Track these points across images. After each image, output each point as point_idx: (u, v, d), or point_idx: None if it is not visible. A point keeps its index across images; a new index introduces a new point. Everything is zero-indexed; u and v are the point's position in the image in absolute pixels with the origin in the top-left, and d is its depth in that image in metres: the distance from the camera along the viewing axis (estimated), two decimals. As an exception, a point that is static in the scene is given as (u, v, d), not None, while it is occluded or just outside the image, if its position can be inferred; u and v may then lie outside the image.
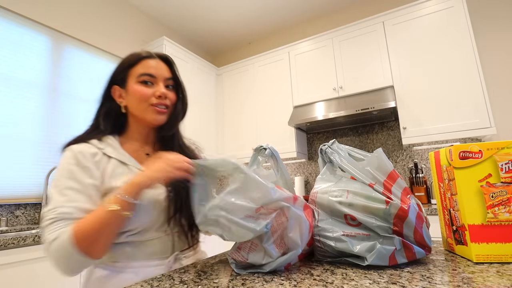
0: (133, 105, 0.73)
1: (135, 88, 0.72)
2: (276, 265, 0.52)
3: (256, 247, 0.54)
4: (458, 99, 2.06)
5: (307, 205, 0.59)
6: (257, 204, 0.52)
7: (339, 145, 0.70)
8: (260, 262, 0.53)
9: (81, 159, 0.65)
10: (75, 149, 0.67)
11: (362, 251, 0.53)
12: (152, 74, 0.73)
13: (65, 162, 0.66)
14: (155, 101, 0.72)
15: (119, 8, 2.68)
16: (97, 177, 0.66)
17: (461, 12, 2.12)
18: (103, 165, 0.68)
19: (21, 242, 1.25)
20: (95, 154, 0.68)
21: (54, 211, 0.59)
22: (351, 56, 2.53)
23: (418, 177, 2.23)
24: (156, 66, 0.74)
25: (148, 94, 0.72)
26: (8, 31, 1.87)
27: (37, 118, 1.95)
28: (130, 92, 0.73)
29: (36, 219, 1.85)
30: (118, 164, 0.70)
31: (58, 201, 0.60)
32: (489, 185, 0.53)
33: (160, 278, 0.53)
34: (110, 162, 0.69)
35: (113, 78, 0.76)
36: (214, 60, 3.88)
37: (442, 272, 0.49)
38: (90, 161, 0.66)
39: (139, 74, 0.72)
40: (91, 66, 2.37)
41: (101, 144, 0.71)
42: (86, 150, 0.67)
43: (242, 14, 3.03)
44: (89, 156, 0.67)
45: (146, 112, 0.73)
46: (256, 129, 2.94)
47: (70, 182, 0.62)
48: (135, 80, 0.73)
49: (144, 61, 0.74)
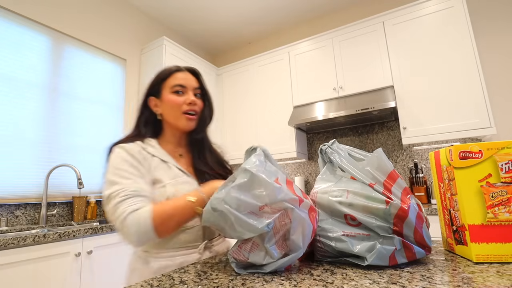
0: (167, 112, 0.85)
1: (169, 98, 0.84)
2: (277, 266, 0.52)
3: (257, 247, 0.53)
4: (458, 99, 2.06)
5: (312, 207, 0.57)
6: (261, 202, 0.52)
7: (339, 145, 0.70)
8: (261, 262, 0.53)
9: (134, 154, 0.75)
10: (126, 147, 0.76)
11: (362, 251, 0.53)
12: (182, 85, 0.84)
13: (120, 155, 0.74)
14: (186, 108, 0.83)
15: (119, 8, 2.68)
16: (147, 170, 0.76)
17: (461, 12, 2.12)
18: (149, 161, 0.78)
19: (21, 242, 1.25)
20: (141, 152, 0.78)
21: (124, 190, 0.67)
22: (351, 56, 2.53)
23: (418, 177, 2.23)
24: (186, 77, 0.86)
25: (180, 102, 0.83)
26: (8, 31, 1.87)
27: (37, 118, 1.95)
28: (165, 101, 0.84)
29: (36, 219, 1.85)
30: (159, 162, 0.80)
31: (124, 183, 0.68)
32: (489, 185, 0.53)
33: (160, 278, 0.53)
34: (153, 160, 0.79)
35: (149, 90, 0.88)
36: (214, 60, 3.88)
37: (442, 272, 0.49)
38: (139, 157, 0.76)
39: (171, 85, 0.84)
40: (91, 66, 2.37)
41: (144, 145, 0.81)
42: (134, 148, 0.77)
43: (242, 14, 3.03)
44: (137, 153, 0.76)
45: (179, 119, 0.84)
46: (256, 129, 2.94)
47: (131, 169, 0.71)
48: (168, 91, 0.84)
49: (175, 74, 0.86)
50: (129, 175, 0.70)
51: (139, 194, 0.67)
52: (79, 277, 1.45)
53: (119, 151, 0.74)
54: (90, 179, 2.18)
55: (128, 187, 0.67)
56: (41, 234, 1.33)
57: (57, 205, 1.97)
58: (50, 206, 1.93)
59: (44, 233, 1.35)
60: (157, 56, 2.66)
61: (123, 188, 0.67)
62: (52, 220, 1.93)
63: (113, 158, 0.74)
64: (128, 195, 0.66)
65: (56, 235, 1.38)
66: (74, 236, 1.46)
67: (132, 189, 0.67)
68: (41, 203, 1.86)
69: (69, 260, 1.43)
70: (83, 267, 1.48)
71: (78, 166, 2.08)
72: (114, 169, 0.71)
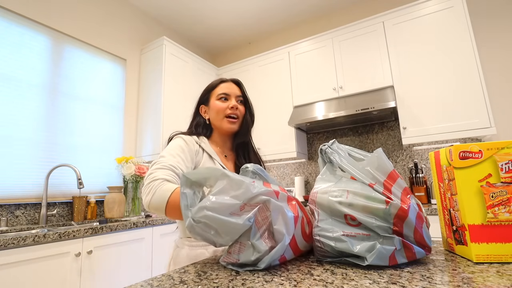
0: (213, 117, 0.99)
1: (215, 104, 0.99)
2: (269, 260, 0.53)
3: (245, 246, 0.55)
4: (458, 99, 2.06)
5: (291, 197, 0.60)
6: (240, 200, 0.53)
7: (339, 145, 0.70)
8: (250, 258, 0.54)
9: (189, 144, 0.90)
10: (185, 138, 0.91)
11: (362, 251, 0.53)
12: (227, 93, 0.99)
13: (177, 141, 0.89)
14: (229, 111, 0.97)
15: (119, 8, 2.68)
16: (194, 161, 0.89)
17: (461, 12, 2.12)
18: (200, 155, 0.91)
19: (21, 242, 1.25)
20: (195, 145, 0.92)
21: (166, 163, 0.79)
22: (351, 56, 2.53)
23: (418, 177, 2.23)
24: (230, 87, 1.01)
25: (223, 107, 0.97)
26: (8, 31, 1.88)
27: (37, 118, 1.95)
28: (212, 107, 0.99)
29: (36, 219, 1.85)
30: (207, 158, 0.92)
31: (169, 159, 0.81)
32: (489, 185, 0.53)
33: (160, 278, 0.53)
34: (203, 155, 0.92)
35: (200, 99, 1.04)
36: (214, 60, 3.88)
37: (442, 272, 0.49)
38: (193, 149, 0.90)
39: (217, 94, 0.99)
40: (91, 66, 2.37)
41: (198, 140, 0.95)
42: (191, 141, 0.91)
43: (242, 14, 3.03)
44: (192, 144, 0.90)
45: (222, 122, 0.97)
46: (256, 129, 2.93)
47: (181, 153, 0.85)
48: (215, 99, 0.99)
49: (220, 85, 1.01)
50: (176, 155, 0.83)
51: (173, 170, 0.78)
52: (79, 277, 1.45)
53: (178, 140, 0.89)
54: (90, 179, 2.19)
55: (171, 161, 0.80)
56: (41, 234, 1.33)
57: (57, 205, 1.97)
58: (50, 206, 1.93)
59: (44, 233, 1.35)
60: (157, 56, 2.66)
61: (167, 160, 0.80)
62: (52, 220, 1.93)
63: (171, 143, 0.88)
64: (167, 167, 0.78)
65: (56, 235, 1.38)
66: (74, 236, 1.46)
67: (172, 164, 0.79)
68: (41, 203, 1.86)
69: (69, 260, 1.43)
70: (83, 267, 1.48)
71: (78, 166, 2.08)
72: (168, 150, 0.85)
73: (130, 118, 2.64)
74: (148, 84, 2.69)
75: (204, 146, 0.93)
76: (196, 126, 1.02)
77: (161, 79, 2.57)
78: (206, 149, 0.93)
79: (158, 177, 0.74)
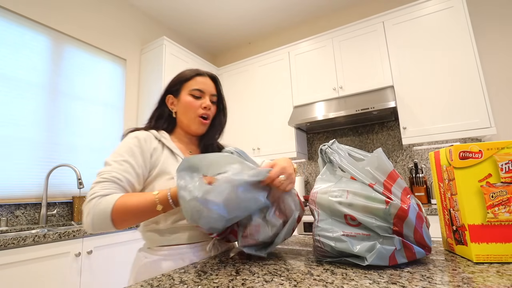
0: (182, 112, 0.88)
1: (186, 99, 0.87)
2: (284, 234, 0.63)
3: (259, 226, 0.62)
4: (458, 99, 2.06)
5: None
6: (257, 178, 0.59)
7: (339, 145, 0.70)
8: (268, 234, 0.62)
9: (143, 144, 0.78)
10: (139, 135, 0.79)
11: (362, 251, 0.53)
12: (201, 89, 0.88)
13: (129, 141, 0.77)
14: (201, 111, 0.87)
15: (119, 8, 2.68)
16: (150, 162, 0.78)
17: (461, 12, 2.12)
18: (158, 153, 0.80)
19: (21, 242, 1.25)
20: (153, 142, 0.81)
21: (109, 173, 0.69)
22: (351, 56, 2.53)
23: (418, 177, 2.23)
24: (206, 82, 0.90)
25: (196, 105, 0.87)
26: (8, 31, 1.87)
27: (37, 118, 1.95)
28: (182, 101, 0.88)
29: (36, 219, 1.85)
30: (169, 154, 0.81)
31: (115, 167, 0.71)
32: (489, 185, 0.53)
33: (160, 278, 0.53)
34: (163, 152, 0.81)
35: (169, 88, 0.91)
36: (214, 60, 3.88)
37: (442, 272, 0.49)
38: (149, 148, 0.79)
39: (191, 88, 0.87)
40: (91, 66, 2.37)
41: (158, 134, 0.84)
42: (148, 137, 0.80)
43: (242, 14, 3.03)
44: (149, 143, 0.79)
45: (193, 121, 0.87)
46: (256, 129, 2.94)
47: (129, 158, 0.74)
48: (187, 92, 0.88)
49: (196, 78, 0.89)
50: (124, 162, 0.72)
51: (116, 181, 0.69)
52: (79, 277, 1.45)
53: (132, 137, 0.78)
54: (90, 179, 2.18)
55: (115, 171, 0.70)
56: (41, 234, 1.33)
57: (57, 205, 1.97)
58: (50, 206, 1.93)
59: (44, 233, 1.35)
60: (157, 56, 2.66)
61: (111, 171, 0.70)
62: (52, 220, 1.93)
63: (122, 143, 0.77)
64: (106, 179, 0.68)
65: (56, 235, 1.38)
66: (74, 236, 1.46)
67: (115, 175, 0.69)
68: (41, 203, 1.86)
69: (69, 260, 1.43)
70: (83, 267, 1.48)
71: (78, 166, 2.08)
72: (116, 152, 0.74)
73: (130, 118, 2.64)
74: (148, 84, 2.69)
75: (165, 142, 0.83)
76: (159, 117, 0.91)
77: (161, 79, 2.57)
78: (168, 144, 0.82)
79: (96, 195, 0.65)
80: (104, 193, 0.66)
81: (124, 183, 0.70)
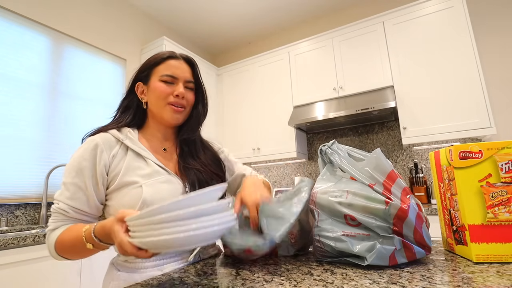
0: (152, 102, 0.76)
1: (156, 86, 0.75)
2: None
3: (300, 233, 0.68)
4: (458, 99, 2.06)
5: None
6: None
7: (339, 145, 0.70)
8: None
9: (97, 154, 0.67)
10: (92, 143, 0.68)
11: (362, 251, 0.53)
12: (173, 75, 0.76)
13: (79, 155, 0.67)
14: (172, 99, 0.75)
15: (119, 8, 2.68)
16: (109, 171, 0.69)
17: (461, 12, 2.12)
18: (119, 158, 0.70)
19: (21, 242, 1.25)
20: (113, 147, 0.70)
21: (57, 204, 0.65)
22: (351, 56, 2.53)
23: (418, 177, 2.23)
24: (179, 66, 0.77)
25: (167, 92, 0.75)
26: (8, 31, 1.87)
27: (37, 118, 1.95)
28: (151, 89, 0.76)
29: (36, 219, 1.85)
30: (134, 157, 0.71)
31: (62, 195, 0.66)
32: (489, 185, 0.53)
33: (160, 278, 0.53)
34: (127, 155, 0.71)
35: (138, 75, 0.79)
36: (214, 60, 3.88)
37: (442, 272, 0.49)
38: (105, 157, 0.68)
39: (161, 73, 0.75)
40: (91, 66, 2.37)
41: (120, 135, 0.73)
42: (105, 143, 0.69)
43: (242, 14, 3.03)
44: (106, 150, 0.69)
45: (164, 110, 0.75)
46: (256, 129, 2.94)
47: (76, 178, 0.66)
48: (157, 78, 0.75)
49: (168, 61, 0.76)
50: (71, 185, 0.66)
51: (62, 213, 0.65)
52: (79, 277, 1.45)
53: (85, 148, 0.68)
54: (90, 179, 2.18)
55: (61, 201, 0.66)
56: (41, 234, 1.33)
57: (57, 205, 1.97)
58: (50, 206, 1.93)
59: (44, 233, 1.35)
60: (157, 56, 2.65)
61: (58, 201, 0.66)
62: (52, 220, 1.93)
63: (75, 154, 0.68)
64: (55, 210, 0.66)
65: (56, 235, 1.38)
66: (74, 236, 1.45)
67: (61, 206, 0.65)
68: (41, 203, 1.86)
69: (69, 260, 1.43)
70: (83, 267, 1.48)
71: (78, 166, 2.08)
72: (66, 170, 0.68)
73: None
74: (148, 84, 2.69)
75: (129, 143, 0.72)
76: (126, 109, 0.80)
77: (161, 79, 2.57)
78: (131, 146, 0.71)
79: (48, 229, 0.66)
80: (52, 227, 0.65)
81: (71, 213, 0.65)
